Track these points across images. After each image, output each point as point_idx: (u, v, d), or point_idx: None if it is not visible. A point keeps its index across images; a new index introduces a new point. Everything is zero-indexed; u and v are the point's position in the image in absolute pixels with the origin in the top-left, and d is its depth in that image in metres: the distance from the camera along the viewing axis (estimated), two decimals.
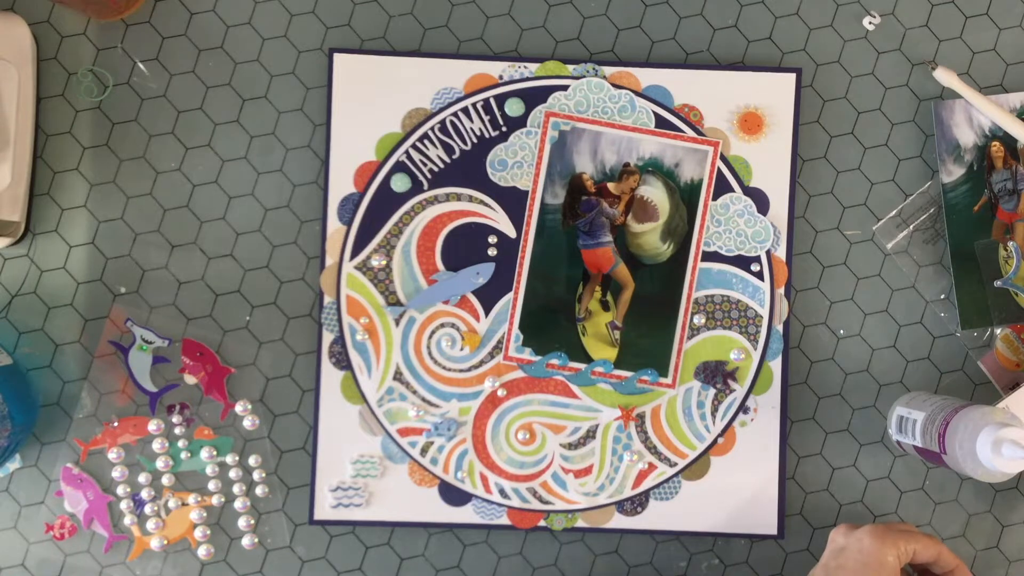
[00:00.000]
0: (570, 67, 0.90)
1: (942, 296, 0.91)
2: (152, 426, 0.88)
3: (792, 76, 0.90)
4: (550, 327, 0.89)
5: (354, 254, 0.89)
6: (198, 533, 0.88)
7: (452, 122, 0.89)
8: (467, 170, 0.89)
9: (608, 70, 0.90)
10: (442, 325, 0.89)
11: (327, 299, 0.89)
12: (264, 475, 0.89)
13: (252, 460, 0.89)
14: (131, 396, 0.88)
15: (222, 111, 0.90)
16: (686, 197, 0.90)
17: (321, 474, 0.88)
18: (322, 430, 0.89)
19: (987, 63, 0.92)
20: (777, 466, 0.90)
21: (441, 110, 0.89)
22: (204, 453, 0.88)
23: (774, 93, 0.90)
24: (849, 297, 0.91)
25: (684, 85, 0.90)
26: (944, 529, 0.91)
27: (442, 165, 0.89)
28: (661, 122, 0.89)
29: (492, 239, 0.89)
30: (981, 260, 0.90)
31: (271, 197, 0.90)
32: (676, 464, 0.90)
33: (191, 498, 0.88)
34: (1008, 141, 0.90)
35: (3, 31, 0.86)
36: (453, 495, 0.89)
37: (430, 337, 0.89)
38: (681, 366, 0.89)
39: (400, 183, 0.89)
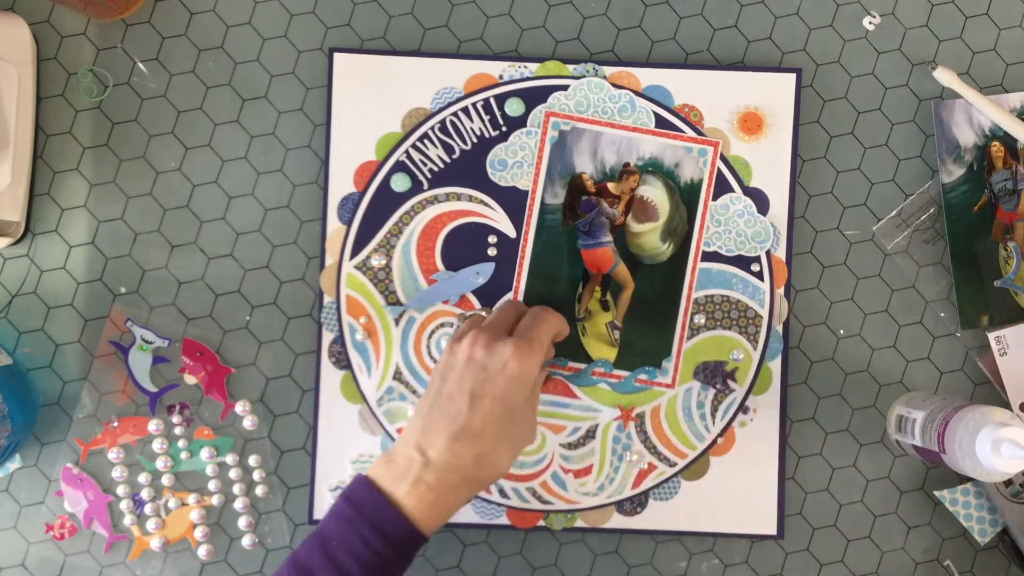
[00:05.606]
0: (570, 67, 0.90)
1: (942, 296, 0.91)
2: (152, 426, 0.88)
3: (792, 76, 0.90)
4: None
5: (354, 254, 0.89)
6: (198, 533, 0.88)
7: (452, 122, 0.89)
8: (467, 170, 0.89)
9: (608, 70, 0.89)
10: (442, 325, 0.89)
11: (327, 299, 0.89)
12: (264, 475, 0.89)
13: (252, 460, 0.89)
14: (131, 396, 0.88)
15: (222, 111, 0.90)
16: (686, 197, 0.90)
17: (321, 474, 0.88)
18: (322, 430, 0.89)
19: (987, 63, 0.92)
20: (777, 466, 0.89)
21: (441, 110, 0.89)
22: (204, 453, 0.88)
23: (774, 93, 0.90)
24: (849, 297, 0.91)
25: (684, 85, 0.90)
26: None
27: (442, 165, 0.89)
28: (661, 122, 0.89)
29: (492, 239, 0.89)
30: (981, 260, 0.90)
31: (271, 197, 0.90)
32: (676, 464, 0.90)
33: (191, 498, 0.88)
34: (1008, 141, 0.90)
35: (3, 31, 0.86)
36: None
37: (430, 337, 0.89)
38: (681, 366, 0.89)
39: (400, 183, 0.89)
